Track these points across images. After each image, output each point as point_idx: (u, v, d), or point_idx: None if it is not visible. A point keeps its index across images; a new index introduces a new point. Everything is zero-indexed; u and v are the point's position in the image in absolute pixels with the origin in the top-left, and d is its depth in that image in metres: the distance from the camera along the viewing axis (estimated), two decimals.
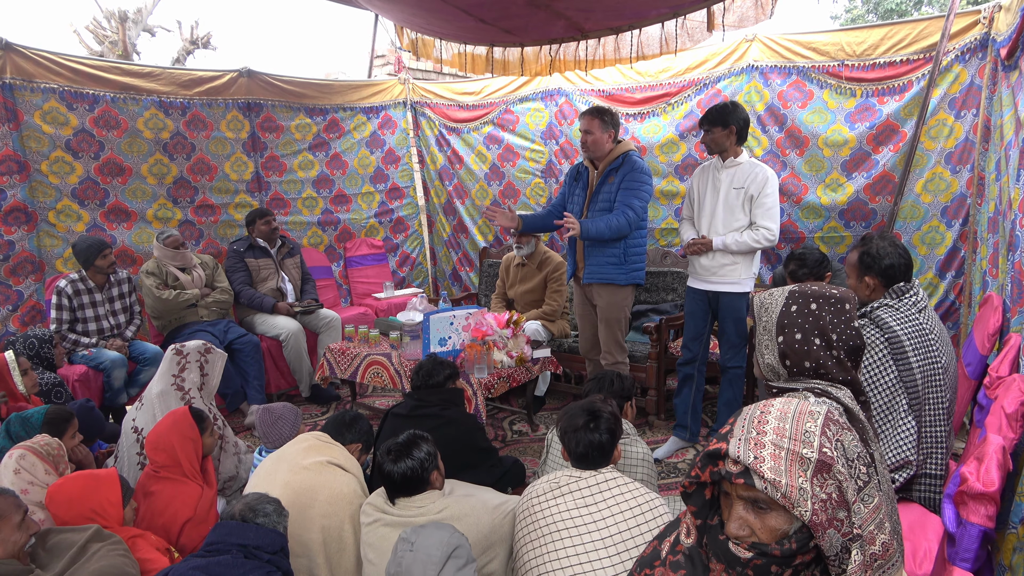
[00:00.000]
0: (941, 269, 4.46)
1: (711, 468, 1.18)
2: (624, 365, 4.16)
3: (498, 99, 6.26)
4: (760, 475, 1.10)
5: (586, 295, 4.21)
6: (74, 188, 4.79)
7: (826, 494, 1.10)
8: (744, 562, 1.14)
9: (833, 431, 1.17)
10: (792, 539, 1.13)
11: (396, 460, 2.24)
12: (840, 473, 1.13)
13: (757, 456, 1.12)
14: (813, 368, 1.65)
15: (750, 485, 1.12)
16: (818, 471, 1.11)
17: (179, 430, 2.80)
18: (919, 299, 2.52)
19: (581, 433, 2.17)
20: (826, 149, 4.69)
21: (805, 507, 1.08)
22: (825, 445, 1.13)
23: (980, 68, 4.14)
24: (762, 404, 1.22)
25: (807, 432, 1.14)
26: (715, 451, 1.17)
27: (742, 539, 1.16)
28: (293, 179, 6.04)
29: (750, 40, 4.87)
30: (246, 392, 4.85)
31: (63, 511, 2.29)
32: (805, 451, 1.12)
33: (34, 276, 4.60)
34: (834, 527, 1.10)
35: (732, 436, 1.17)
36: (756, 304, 1.79)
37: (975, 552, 2.00)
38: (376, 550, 2.24)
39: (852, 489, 1.14)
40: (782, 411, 1.18)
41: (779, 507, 1.12)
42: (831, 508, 1.10)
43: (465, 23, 4.09)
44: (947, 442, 2.44)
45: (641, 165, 3.95)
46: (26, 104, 4.52)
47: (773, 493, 1.10)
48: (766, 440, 1.13)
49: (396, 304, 6.02)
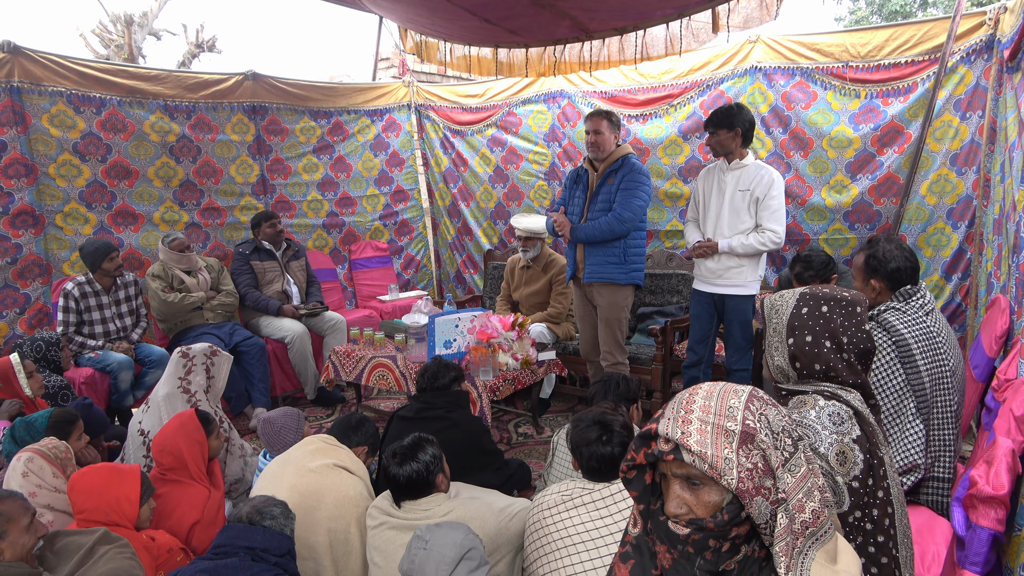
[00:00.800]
0: (947, 271, 4.44)
1: (644, 450, 1.22)
2: (624, 366, 4.15)
3: (501, 101, 6.27)
4: (687, 448, 1.15)
5: (586, 296, 4.22)
6: (81, 191, 4.81)
7: (752, 463, 1.15)
8: (683, 539, 1.19)
9: (757, 406, 1.21)
10: (724, 511, 1.18)
11: (401, 463, 2.24)
12: (764, 443, 1.17)
13: (684, 432, 1.16)
14: (823, 371, 1.64)
15: (680, 461, 1.17)
16: (743, 442, 1.15)
17: (186, 432, 2.80)
18: (926, 302, 2.51)
19: (594, 447, 2.14)
20: (830, 151, 4.68)
21: (731, 475, 1.13)
22: (748, 418, 1.18)
23: (986, 69, 4.13)
24: (691, 388, 1.27)
25: (731, 407, 1.19)
26: (646, 432, 1.22)
27: (680, 517, 1.20)
28: (298, 182, 6.05)
29: (753, 41, 4.86)
30: (251, 395, 4.86)
31: (82, 499, 2.30)
32: (729, 424, 1.16)
33: (41, 279, 4.62)
34: (761, 495, 1.15)
35: (662, 417, 1.22)
36: (766, 306, 1.78)
37: (985, 555, 1.99)
38: (382, 553, 2.24)
39: (776, 458, 1.18)
40: (708, 391, 1.23)
41: (711, 481, 1.17)
42: (757, 477, 1.15)
43: (470, 23, 4.10)
44: (955, 445, 2.43)
45: (640, 167, 3.98)
46: (34, 107, 4.54)
47: (701, 465, 1.14)
48: (692, 417, 1.18)
49: (401, 306, 6.02)
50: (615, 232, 3.93)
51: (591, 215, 4.05)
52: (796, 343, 1.66)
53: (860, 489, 1.53)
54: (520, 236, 5.07)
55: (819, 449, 1.55)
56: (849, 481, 1.53)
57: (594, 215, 4.03)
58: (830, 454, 1.54)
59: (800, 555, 1.17)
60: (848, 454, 1.54)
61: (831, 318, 1.64)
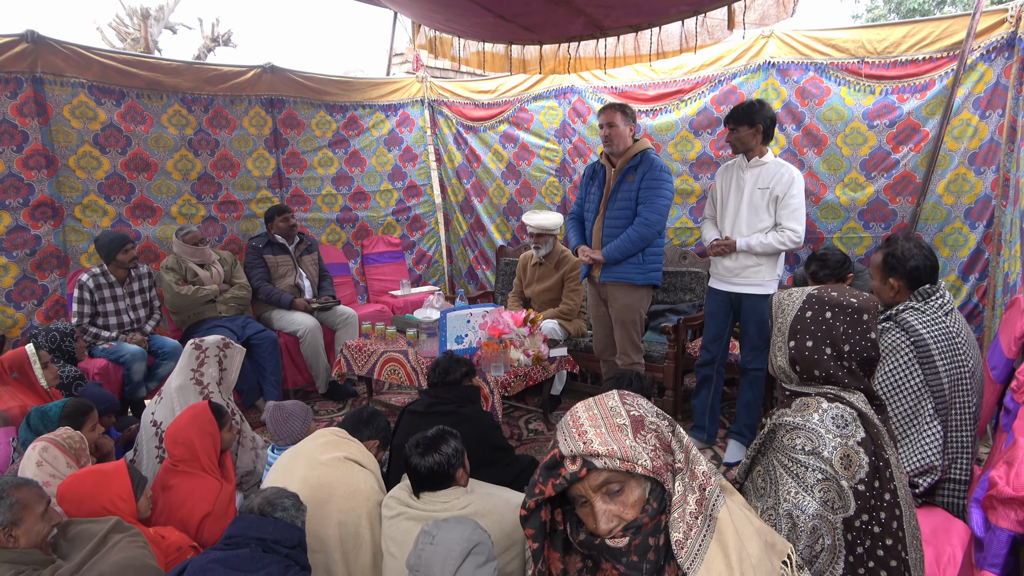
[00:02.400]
0: (964, 271, 4.40)
1: (553, 481, 1.23)
2: (640, 366, 4.13)
3: (512, 97, 6.25)
4: (595, 454, 1.19)
5: (600, 295, 4.18)
6: (101, 183, 4.82)
7: (651, 445, 1.20)
8: (625, 550, 1.21)
9: (630, 399, 1.28)
10: (651, 500, 1.22)
11: (424, 454, 2.24)
12: (652, 423, 1.24)
13: (585, 441, 1.20)
14: (823, 377, 1.61)
15: (595, 470, 1.20)
16: (635, 429, 1.22)
17: (199, 424, 2.81)
18: (946, 301, 2.48)
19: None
20: (845, 148, 4.64)
21: (643, 458, 1.18)
22: (631, 410, 1.26)
23: (1006, 67, 4.07)
24: (569, 412, 1.32)
25: (612, 408, 1.26)
26: (551, 461, 1.25)
27: (614, 530, 1.22)
28: (313, 176, 6.06)
29: (767, 36, 4.81)
30: (263, 388, 4.88)
31: (74, 509, 2.28)
32: (617, 420, 1.23)
33: (59, 271, 4.64)
34: (669, 471, 1.21)
35: (558, 444, 1.25)
36: (774, 303, 1.75)
37: (1004, 557, 1.96)
38: (398, 544, 2.23)
39: (666, 432, 1.24)
40: (586, 405, 1.30)
41: (628, 480, 1.21)
42: (660, 455, 1.22)
43: (484, 20, 4.08)
44: (972, 447, 2.40)
45: (660, 163, 3.91)
46: (55, 98, 4.54)
47: (613, 462, 1.17)
48: (585, 428, 1.23)
49: (413, 302, 6.03)
50: (646, 239, 3.87)
51: (609, 213, 4.00)
52: (797, 347, 1.64)
53: (866, 492, 1.51)
54: (532, 233, 5.05)
55: (823, 453, 1.52)
56: (855, 484, 1.50)
57: (613, 213, 3.98)
58: (834, 458, 1.51)
59: (705, 522, 1.20)
60: (853, 457, 1.52)
61: (834, 325, 1.61)
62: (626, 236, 3.89)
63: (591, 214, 4.11)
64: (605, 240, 4.01)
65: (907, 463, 2.39)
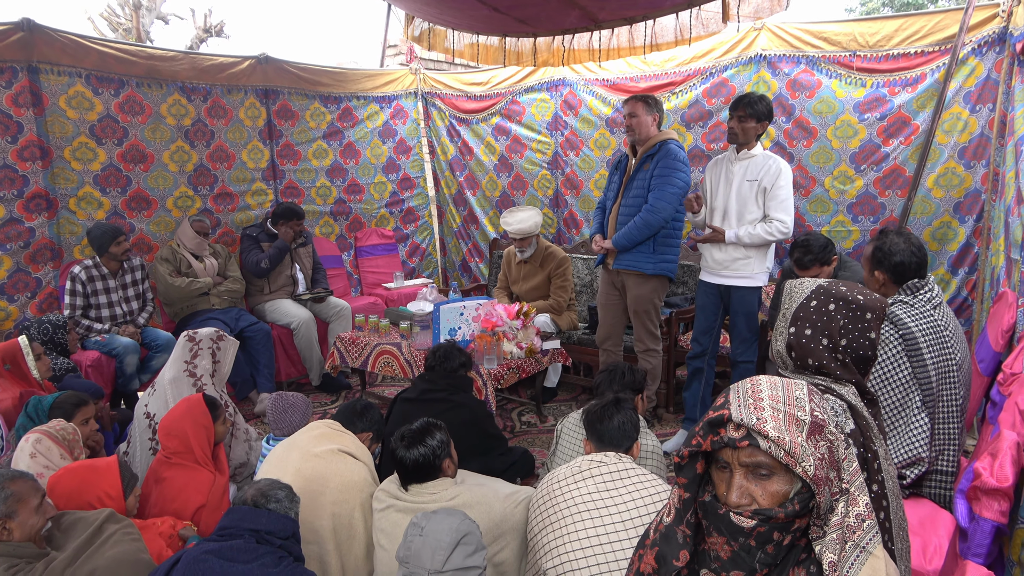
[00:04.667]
0: (953, 265, 4.43)
1: (712, 437, 1.20)
2: (656, 353, 4.15)
3: (504, 89, 6.25)
4: (764, 435, 1.14)
5: (614, 283, 4.19)
6: (96, 175, 4.78)
7: (820, 454, 1.15)
8: (747, 531, 1.17)
9: (818, 400, 1.22)
10: (794, 501, 1.16)
11: (409, 447, 2.26)
12: (832, 434, 1.18)
13: (759, 418, 1.15)
14: (816, 367, 1.64)
15: (755, 447, 1.15)
16: (812, 432, 1.16)
17: (192, 417, 2.82)
18: (934, 295, 2.50)
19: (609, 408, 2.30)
20: (835, 140, 4.66)
21: (808, 463, 1.12)
22: (815, 410, 1.19)
23: (997, 62, 4.10)
24: (750, 379, 1.26)
25: (798, 398, 1.20)
26: (717, 418, 1.19)
27: (743, 508, 1.18)
28: (307, 167, 6.05)
29: (759, 29, 4.82)
30: (256, 380, 4.88)
31: (63, 503, 2.29)
32: (799, 414, 1.17)
33: (52, 263, 4.61)
34: (827, 485, 1.15)
35: (730, 405, 1.20)
36: (785, 289, 1.78)
37: (988, 547, 2.00)
38: (388, 536, 2.26)
39: (841, 449, 1.19)
40: (771, 382, 1.23)
41: (780, 471, 1.16)
42: (825, 467, 1.15)
43: (479, 12, 4.08)
44: (959, 439, 2.43)
45: (677, 153, 3.89)
46: (51, 88, 4.48)
47: (777, 452, 1.13)
48: (764, 404, 1.18)
49: (406, 294, 6.03)
50: (652, 226, 3.87)
51: (625, 201, 4.01)
52: (796, 334, 1.66)
53: None
54: (514, 237, 4.97)
55: None
56: None
57: (627, 201, 3.99)
58: None
59: (854, 550, 1.17)
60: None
61: (835, 318, 1.63)
62: (633, 223, 3.90)
63: (610, 203, 4.14)
64: (619, 228, 4.03)
65: (895, 455, 2.42)
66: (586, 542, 1.98)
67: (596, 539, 1.97)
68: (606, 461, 2.17)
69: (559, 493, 2.13)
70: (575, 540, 1.99)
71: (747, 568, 1.19)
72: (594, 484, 2.11)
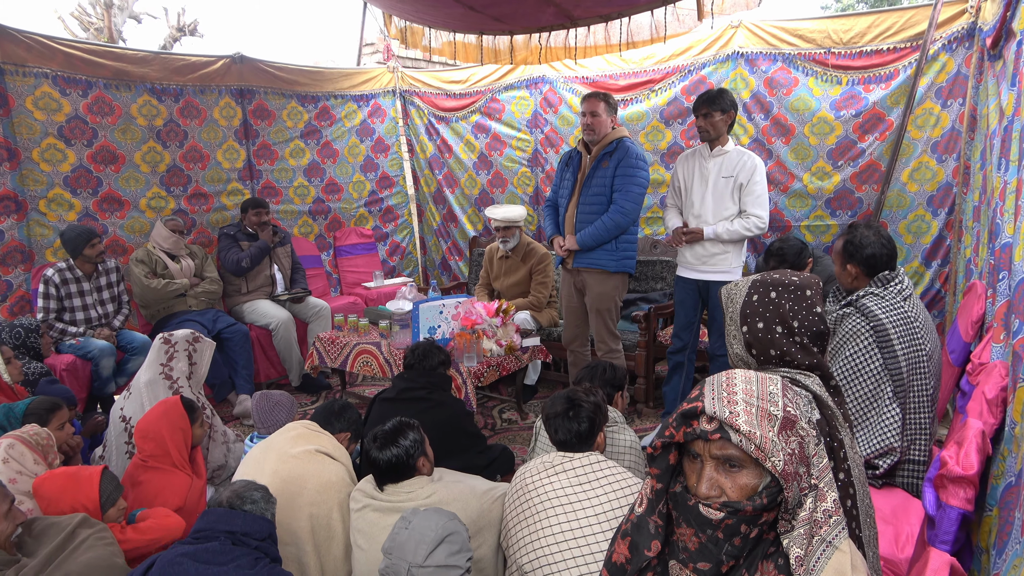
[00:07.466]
0: (927, 258, 4.49)
1: (685, 428, 1.21)
2: (618, 353, 4.16)
3: (484, 87, 6.24)
4: (736, 428, 1.15)
5: (575, 284, 4.20)
6: (66, 176, 4.72)
7: (791, 449, 1.17)
8: (715, 523, 1.18)
9: (791, 395, 1.24)
10: (763, 494, 1.18)
11: (382, 448, 2.26)
12: (803, 429, 1.20)
13: (732, 411, 1.17)
14: (778, 356, 1.66)
15: (726, 440, 1.17)
16: (783, 427, 1.18)
17: (169, 420, 2.79)
18: (904, 287, 2.54)
19: (560, 420, 2.25)
20: (812, 137, 4.71)
21: (778, 458, 1.14)
22: (788, 405, 1.21)
23: (967, 57, 4.16)
24: (726, 372, 1.28)
25: (771, 393, 1.22)
26: (691, 410, 1.21)
27: (712, 500, 1.20)
28: (284, 167, 6.01)
29: (736, 27, 4.86)
30: (234, 382, 4.84)
31: (44, 505, 2.29)
32: (772, 408, 1.19)
33: (23, 266, 4.54)
34: (796, 480, 1.17)
35: (704, 397, 1.22)
36: (723, 295, 1.81)
37: (954, 534, 2.03)
38: (366, 536, 2.25)
39: (812, 445, 1.21)
40: (746, 376, 1.25)
41: (750, 464, 1.18)
42: (794, 462, 1.17)
43: (454, 10, 4.08)
44: (931, 428, 2.47)
45: (635, 151, 3.92)
46: (17, 89, 4.43)
47: (748, 446, 1.15)
48: (737, 398, 1.19)
49: (386, 293, 6.02)
50: (621, 227, 3.88)
51: (583, 199, 4.01)
52: (750, 330, 1.69)
53: None
54: (498, 227, 4.99)
55: None
56: None
57: (587, 199, 3.99)
58: None
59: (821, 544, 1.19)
60: None
61: (780, 303, 1.66)
62: (600, 223, 3.91)
63: (564, 200, 4.13)
64: (579, 226, 4.02)
65: (867, 445, 2.45)
66: (560, 536, 1.99)
67: (570, 533, 1.99)
68: (575, 457, 2.18)
69: (532, 488, 2.15)
70: (549, 535, 2.01)
71: (714, 560, 1.20)
72: (567, 478, 2.12)
